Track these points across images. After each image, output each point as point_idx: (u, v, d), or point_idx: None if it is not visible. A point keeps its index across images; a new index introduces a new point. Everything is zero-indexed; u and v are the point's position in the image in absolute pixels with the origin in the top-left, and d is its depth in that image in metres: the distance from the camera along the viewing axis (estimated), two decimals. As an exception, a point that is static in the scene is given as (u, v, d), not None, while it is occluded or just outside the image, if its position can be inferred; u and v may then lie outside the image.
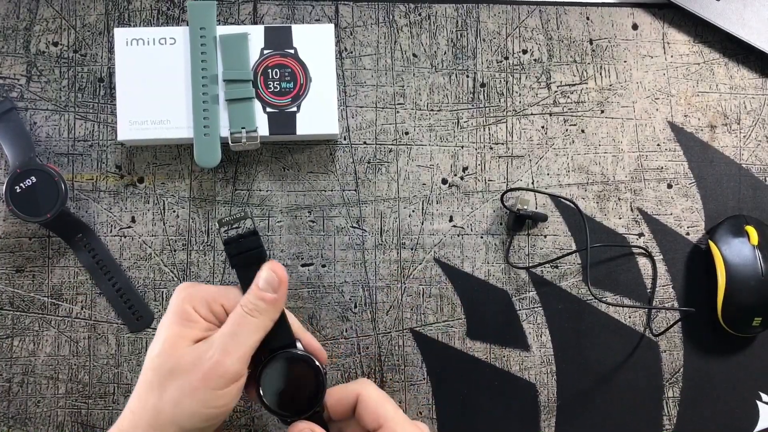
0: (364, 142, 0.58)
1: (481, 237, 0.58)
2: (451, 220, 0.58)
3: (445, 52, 0.59)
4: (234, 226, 0.46)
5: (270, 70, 0.55)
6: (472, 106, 0.59)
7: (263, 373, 0.44)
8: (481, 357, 0.57)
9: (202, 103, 0.54)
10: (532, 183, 0.59)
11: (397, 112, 0.58)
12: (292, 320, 0.47)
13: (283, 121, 0.54)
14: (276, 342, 0.45)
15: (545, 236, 0.58)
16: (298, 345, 0.46)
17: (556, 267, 0.58)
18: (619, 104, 0.59)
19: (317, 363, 0.45)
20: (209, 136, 0.54)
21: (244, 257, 0.45)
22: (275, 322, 0.45)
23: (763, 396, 0.59)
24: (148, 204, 0.56)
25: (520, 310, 0.58)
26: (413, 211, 0.58)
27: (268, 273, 0.44)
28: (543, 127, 0.59)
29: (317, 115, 0.55)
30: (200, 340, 0.43)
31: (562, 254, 0.58)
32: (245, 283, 0.45)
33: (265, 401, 0.44)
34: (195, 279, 0.56)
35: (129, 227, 0.56)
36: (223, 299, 0.45)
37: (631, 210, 0.59)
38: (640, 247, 0.59)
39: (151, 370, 0.42)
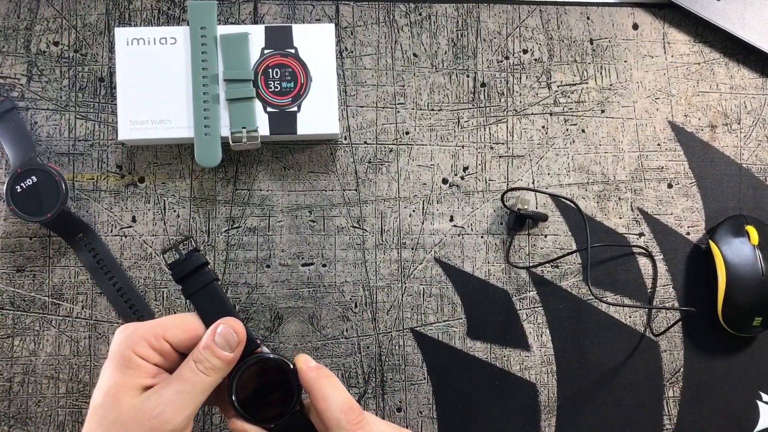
0: (365, 142, 0.58)
1: (482, 237, 0.58)
2: (451, 219, 0.58)
3: (445, 52, 0.59)
4: (181, 250, 0.44)
5: (270, 70, 0.55)
6: (473, 105, 0.59)
7: (236, 385, 0.42)
8: (482, 357, 0.57)
9: (202, 103, 0.54)
10: (533, 183, 0.59)
11: (398, 111, 0.58)
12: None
13: (283, 120, 0.54)
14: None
15: (545, 236, 0.58)
16: (263, 348, 0.43)
17: (557, 267, 0.58)
18: (620, 104, 0.59)
19: (288, 363, 0.43)
20: (210, 136, 0.54)
21: (192, 279, 0.43)
22: None
23: (763, 396, 0.59)
24: (149, 204, 0.56)
25: (520, 309, 0.58)
26: (414, 210, 0.58)
27: (227, 330, 0.41)
28: (543, 126, 0.59)
29: (318, 114, 0.55)
30: (145, 386, 0.40)
31: (562, 254, 0.58)
32: (199, 306, 0.43)
33: (243, 413, 0.42)
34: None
35: (130, 227, 0.56)
36: (166, 333, 0.41)
37: (632, 210, 0.59)
38: (640, 247, 0.59)
39: (95, 421, 0.40)
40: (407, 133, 0.58)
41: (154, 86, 0.54)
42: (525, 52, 0.59)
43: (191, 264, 0.43)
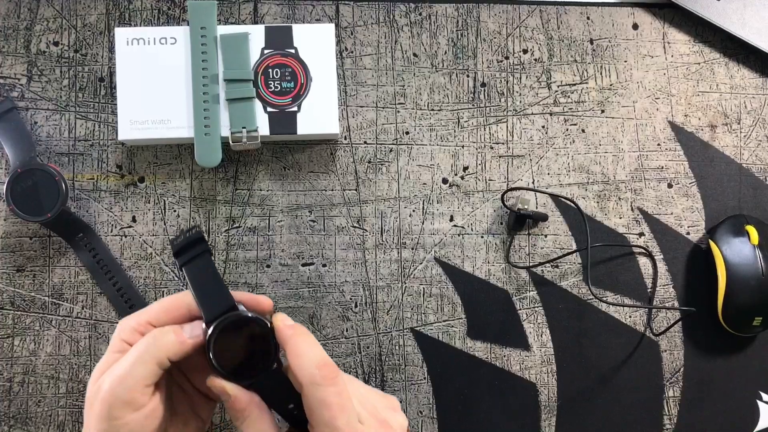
0: (365, 142, 0.58)
1: (482, 236, 0.58)
2: (451, 219, 0.58)
3: (445, 52, 0.59)
4: (185, 232, 0.45)
5: (270, 70, 0.55)
6: (473, 105, 0.59)
7: (214, 342, 0.42)
8: (482, 357, 0.57)
9: (202, 103, 0.54)
10: (533, 183, 0.59)
11: (398, 111, 0.58)
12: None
13: (283, 120, 0.54)
14: (215, 309, 0.43)
15: (546, 236, 0.58)
16: (240, 307, 0.44)
17: (557, 266, 0.58)
18: (620, 104, 0.59)
19: (265, 321, 0.43)
20: (210, 136, 0.54)
21: (187, 251, 0.43)
22: (209, 287, 0.43)
23: (764, 396, 0.59)
24: (149, 203, 0.56)
25: (520, 309, 0.58)
26: (414, 210, 0.58)
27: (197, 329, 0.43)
28: (543, 126, 0.59)
29: (318, 114, 0.55)
30: None
31: (562, 254, 0.58)
32: (193, 280, 0.43)
33: (219, 370, 0.42)
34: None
35: (130, 227, 0.56)
36: (151, 320, 0.43)
37: (632, 209, 0.59)
38: (640, 247, 0.59)
39: (92, 412, 0.42)
40: (407, 133, 0.58)
41: (154, 86, 0.54)
42: (525, 52, 0.59)
43: (189, 238, 0.44)
